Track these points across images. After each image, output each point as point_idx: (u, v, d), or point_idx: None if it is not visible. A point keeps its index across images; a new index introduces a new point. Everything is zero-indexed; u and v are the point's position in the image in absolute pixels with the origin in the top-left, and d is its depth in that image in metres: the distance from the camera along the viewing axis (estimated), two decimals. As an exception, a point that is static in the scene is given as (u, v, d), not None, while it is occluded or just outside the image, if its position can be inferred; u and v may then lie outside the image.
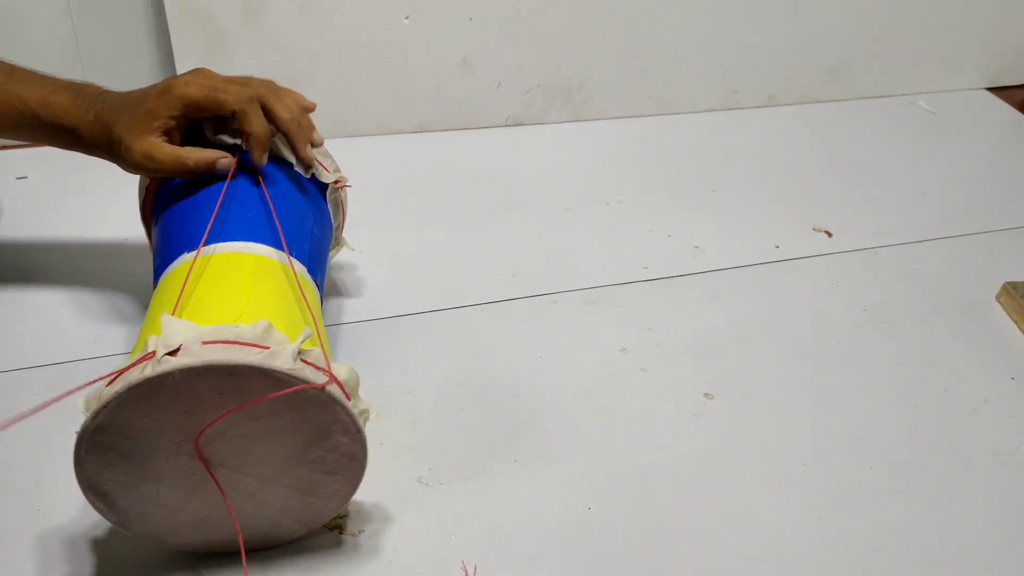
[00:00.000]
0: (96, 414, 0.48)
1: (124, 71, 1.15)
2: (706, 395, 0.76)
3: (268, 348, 0.49)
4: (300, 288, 0.61)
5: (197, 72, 0.68)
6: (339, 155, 0.79)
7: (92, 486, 0.52)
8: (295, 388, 0.49)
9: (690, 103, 1.33)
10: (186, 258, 0.60)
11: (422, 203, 1.03)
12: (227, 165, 0.67)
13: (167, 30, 1.07)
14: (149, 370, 0.47)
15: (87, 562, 0.58)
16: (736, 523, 0.65)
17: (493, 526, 0.63)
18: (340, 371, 0.53)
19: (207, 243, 0.61)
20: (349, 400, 0.53)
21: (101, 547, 0.59)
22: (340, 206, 0.77)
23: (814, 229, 1.03)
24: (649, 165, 1.16)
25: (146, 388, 0.48)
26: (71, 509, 0.61)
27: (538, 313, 0.86)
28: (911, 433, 0.75)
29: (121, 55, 1.14)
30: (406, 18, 1.13)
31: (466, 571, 0.59)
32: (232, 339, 0.49)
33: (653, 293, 0.90)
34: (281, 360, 0.49)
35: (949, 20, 1.41)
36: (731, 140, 1.24)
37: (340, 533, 0.61)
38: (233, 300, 0.55)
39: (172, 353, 0.48)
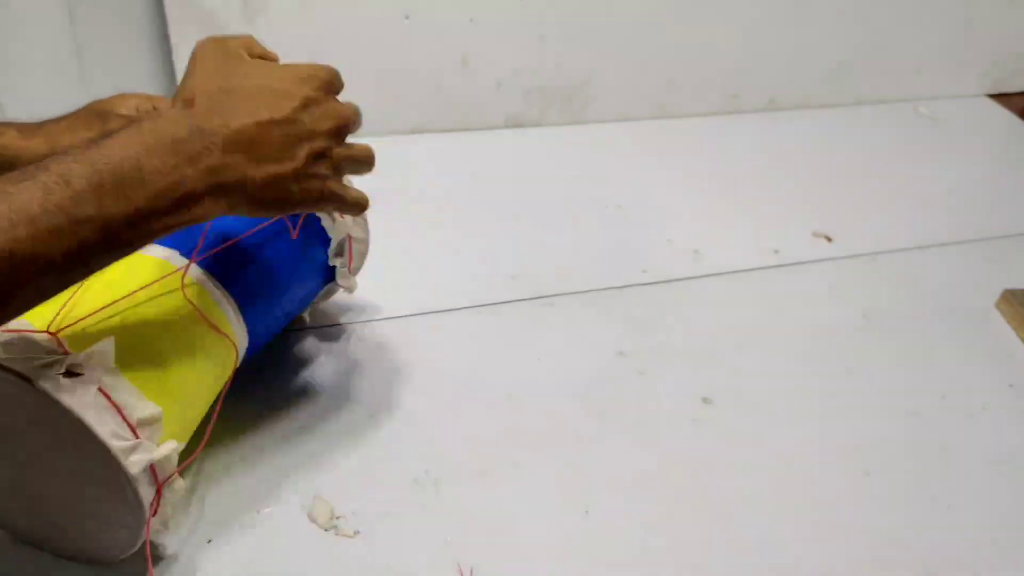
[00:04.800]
0: None
1: (122, 68, 1.15)
2: (704, 400, 0.76)
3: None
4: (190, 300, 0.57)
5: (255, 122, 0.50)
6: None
7: None
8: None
9: (690, 107, 1.33)
10: None
11: (419, 205, 1.03)
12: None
13: (166, 27, 1.07)
14: None
15: None
16: (733, 528, 0.64)
17: (489, 528, 0.63)
18: (139, 408, 0.49)
19: None
20: (133, 438, 0.49)
21: None
22: (347, 245, 0.73)
23: (814, 234, 1.02)
24: (649, 169, 1.15)
25: None
26: None
27: (536, 316, 0.86)
28: (909, 439, 0.74)
29: (119, 51, 1.14)
30: (406, 17, 1.13)
31: (461, 573, 0.59)
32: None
33: (651, 296, 0.90)
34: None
35: (950, 26, 1.41)
36: (731, 144, 1.24)
37: (336, 534, 0.61)
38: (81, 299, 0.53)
39: None
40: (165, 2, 1.05)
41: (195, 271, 0.59)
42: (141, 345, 0.53)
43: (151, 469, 0.50)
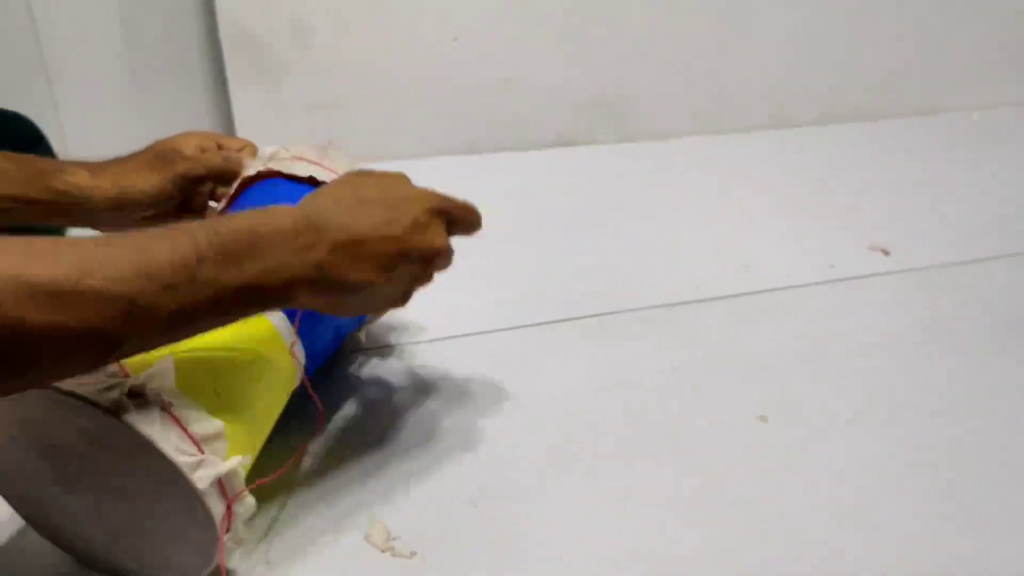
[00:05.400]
0: None
1: (178, 96, 1.17)
2: (761, 417, 0.75)
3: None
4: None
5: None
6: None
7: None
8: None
9: (737, 121, 1.32)
10: None
11: (470, 223, 1.03)
12: None
13: (221, 54, 1.10)
14: None
15: None
16: (790, 551, 0.63)
17: (545, 548, 0.62)
18: (201, 425, 0.50)
19: None
20: (199, 454, 0.49)
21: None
22: None
23: (870, 248, 1.01)
24: (696, 183, 1.15)
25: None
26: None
27: (588, 333, 0.85)
28: (973, 457, 0.72)
29: (175, 80, 1.16)
30: (455, 39, 1.14)
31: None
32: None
33: (704, 313, 0.89)
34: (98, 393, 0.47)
35: (1002, 33, 1.38)
36: (780, 157, 1.22)
37: (392, 555, 0.61)
38: None
39: None
40: (219, 27, 1.07)
41: None
42: (200, 365, 0.54)
43: (219, 485, 0.50)
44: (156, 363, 0.50)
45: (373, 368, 0.78)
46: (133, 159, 0.74)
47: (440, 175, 1.13)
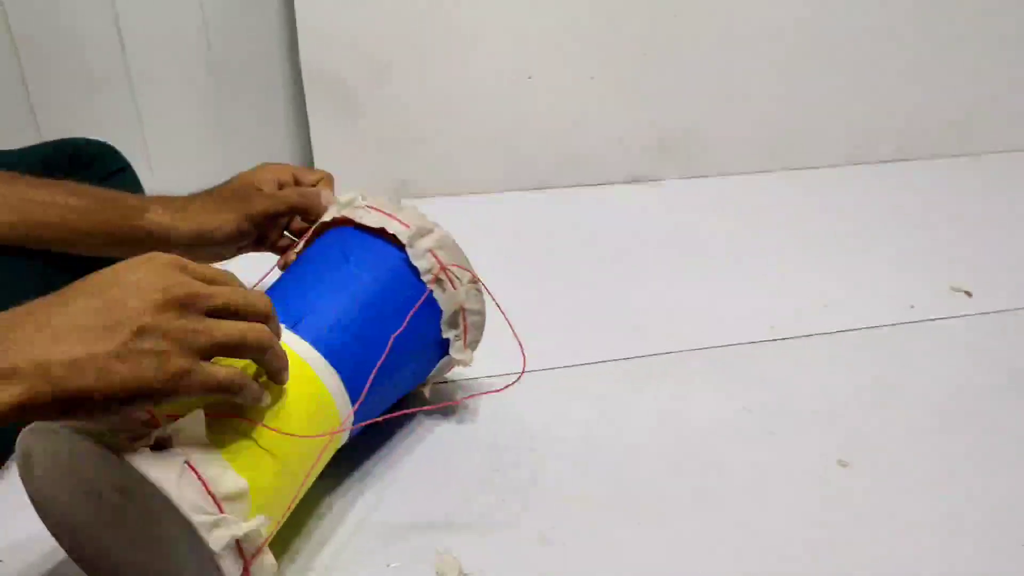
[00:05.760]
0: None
1: (259, 128, 1.21)
2: (840, 462, 0.73)
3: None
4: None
5: None
6: (460, 212, 0.80)
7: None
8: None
9: (812, 158, 1.30)
10: None
11: (542, 260, 1.04)
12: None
13: (302, 90, 1.13)
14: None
15: None
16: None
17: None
18: (224, 482, 0.49)
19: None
20: (217, 513, 0.48)
21: None
22: (461, 317, 0.71)
23: (952, 289, 0.98)
24: (772, 221, 1.14)
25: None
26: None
27: (658, 372, 0.85)
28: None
29: (257, 113, 1.20)
30: (529, 77, 1.15)
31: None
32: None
33: (779, 352, 0.87)
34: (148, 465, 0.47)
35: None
36: (858, 196, 1.20)
37: (464, 591, 0.61)
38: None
39: None
40: (302, 70, 1.10)
41: (296, 343, 0.60)
42: (234, 419, 0.53)
43: (237, 544, 0.49)
44: (186, 417, 0.49)
45: (439, 403, 0.79)
46: (213, 197, 0.77)
47: (510, 210, 1.15)
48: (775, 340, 0.89)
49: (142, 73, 1.13)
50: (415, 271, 0.68)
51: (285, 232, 0.81)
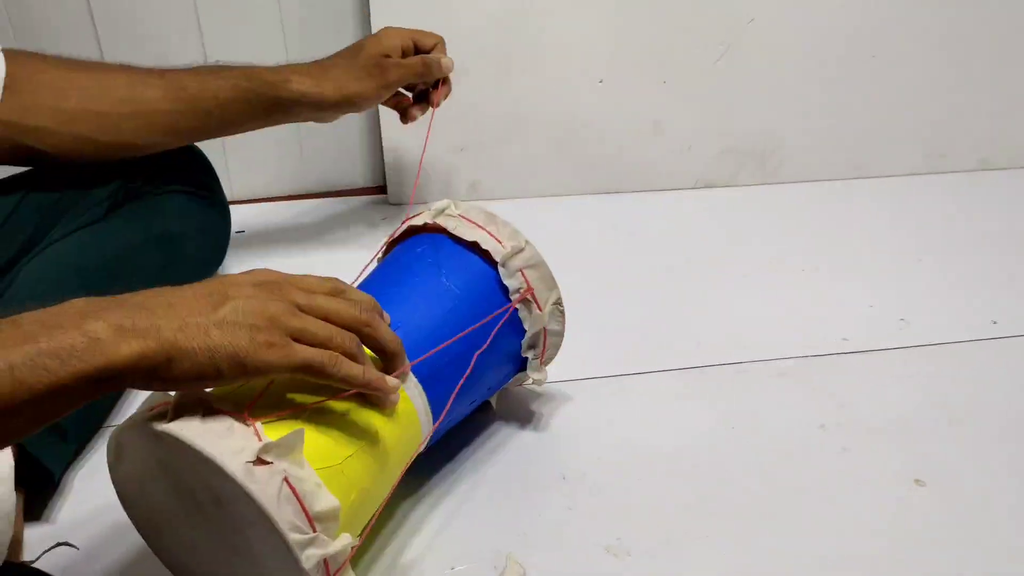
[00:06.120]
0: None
1: (333, 128, 1.22)
2: (917, 481, 0.71)
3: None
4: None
5: None
6: (528, 215, 0.80)
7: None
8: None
9: (891, 166, 1.27)
10: None
11: (609, 265, 1.03)
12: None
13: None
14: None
15: None
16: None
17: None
18: (318, 500, 0.50)
19: None
20: (311, 532, 0.49)
21: None
22: (542, 338, 0.71)
23: (1037, 304, 0.95)
24: (847, 230, 1.11)
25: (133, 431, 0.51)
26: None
27: (727, 383, 0.83)
28: None
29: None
30: (600, 81, 1.15)
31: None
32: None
33: (854, 367, 0.85)
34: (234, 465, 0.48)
35: None
36: (938, 206, 1.17)
37: (528, 599, 0.61)
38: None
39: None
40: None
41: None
42: (330, 436, 0.54)
43: (324, 562, 0.50)
44: (288, 434, 0.50)
45: (509, 409, 0.79)
46: (350, 63, 0.87)
47: (578, 214, 1.14)
48: (849, 353, 0.87)
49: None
50: (504, 289, 0.68)
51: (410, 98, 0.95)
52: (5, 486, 0.60)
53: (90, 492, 0.69)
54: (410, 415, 0.60)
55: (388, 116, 1.15)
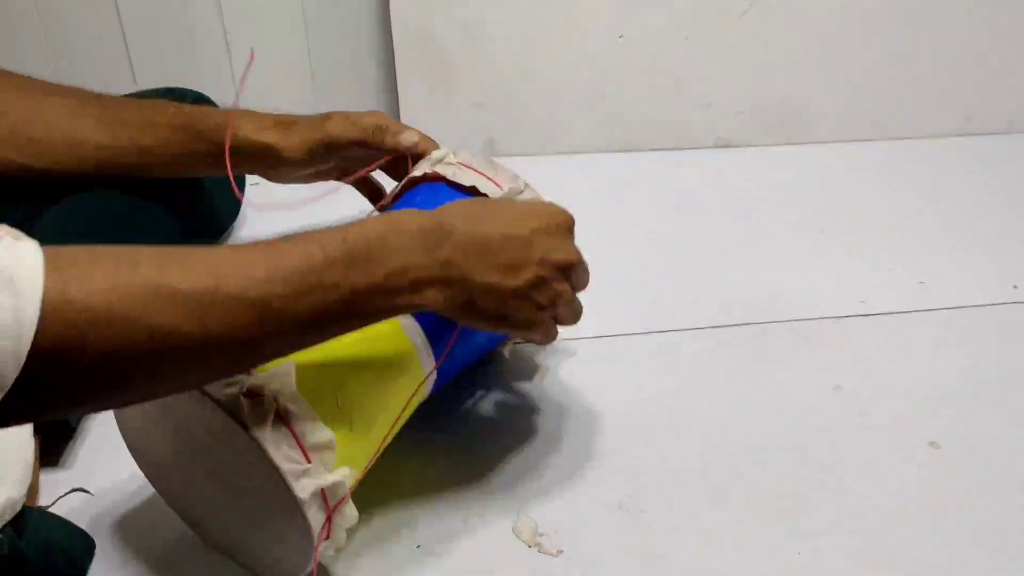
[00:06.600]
0: None
1: (349, 87, 1.22)
2: (932, 444, 0.70)
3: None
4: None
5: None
6: (545, 172, 0.79)
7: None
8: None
9: (918, 128, 1.24)
10: None
11: (627, 223, 1.02)
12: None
13: (392, 50, 1.13)
14: None
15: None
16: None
17: (690, 562, 0.61)
18: (314, 433, 0.50)
19: None
20: (305, 463, 0.50)
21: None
22: None
23: (1060, 269, 0.93)
24: (870, 193, 1.09)
25: None
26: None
27: (746, 343, 0.83)
28: None
29: (348, 73, 1.21)
30: (620, 37, 1.13)
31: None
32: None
33: (872, 329, 0.84)
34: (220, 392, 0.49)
35: None
36: (964, 169, 1.15)
37: (539, 551, 0.61)
38: None
39: None
40: (392, 24, 1.10)
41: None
42: (326, 372, 0.54)
43: (322, 494, 0.50)
44: (278, 366, 0.50)
45: (525, 366, 0.79)
46: (294, 119, 0.76)
47: (596, 172, 1.13)
48: (866, 316, 0.86)
49: (235, 28, 1.15)
50: None
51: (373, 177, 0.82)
52: (26, 434, 0.60)
53: (105, 438, 0.70)
54: (410, 355, 0.61)
55: (405, 74, 1.14)
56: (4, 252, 0.36)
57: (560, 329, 0.59)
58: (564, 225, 0.57)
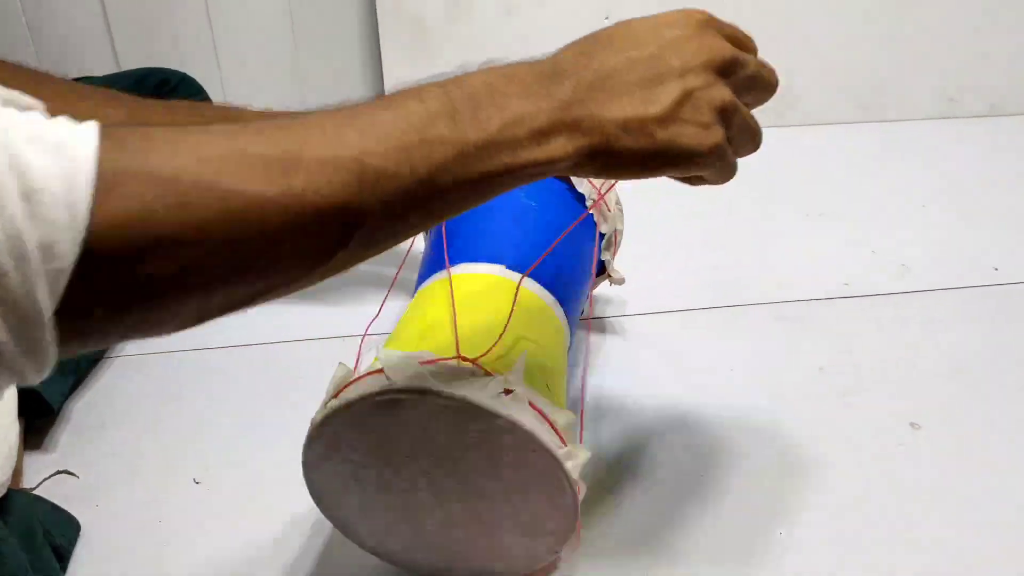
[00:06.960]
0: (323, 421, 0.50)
1: (332, 62, 1.21)
2: (912, 424, 0.71)
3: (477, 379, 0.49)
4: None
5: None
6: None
7: (313, 485, 0.54)
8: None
9: (901, 110, 1.25)
10: (440, 277, 0.61)
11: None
12: None
13: (376, 28, 1.12)
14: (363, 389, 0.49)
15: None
16: (943, 571, 0.60)
17: (671, 543, 0.61)
18: (559, 417, 0.51)
19: (457, 261, 0.62)
20: (565, 446, 0.50)
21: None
22: (614, 239, 0.74)
23: (1040, 252, 0.94)
24: (853, 175, 1.10)
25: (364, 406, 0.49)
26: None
27: (728, 324, 0.83)
28: None
29: (332, 47, 1.20)
30: (606, 17, 1.13)
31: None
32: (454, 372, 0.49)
33: (853, 311, 0.85)
34: (482, 395, 0.48)
35: None
36: (946, 151, 1.15)
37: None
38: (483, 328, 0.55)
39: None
40: (377, 8, 1.09)
41: (526, 281, 0.60)
42: (533, 359, 0.54)
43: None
44: (517, 362, 0.51)
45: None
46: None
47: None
48: (849, 297, 0.87)
49: (217, 3, 1.14)
50: (578, 197, 0.70)
51: None
52: (9, 417, 0.60)
53: (88, 421, 0.70)
54: (561, 331, 0.63)
55: (390, 53, 1.14)
56: (49, 122, 0.32)
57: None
58: (700, 21, 0.47)
